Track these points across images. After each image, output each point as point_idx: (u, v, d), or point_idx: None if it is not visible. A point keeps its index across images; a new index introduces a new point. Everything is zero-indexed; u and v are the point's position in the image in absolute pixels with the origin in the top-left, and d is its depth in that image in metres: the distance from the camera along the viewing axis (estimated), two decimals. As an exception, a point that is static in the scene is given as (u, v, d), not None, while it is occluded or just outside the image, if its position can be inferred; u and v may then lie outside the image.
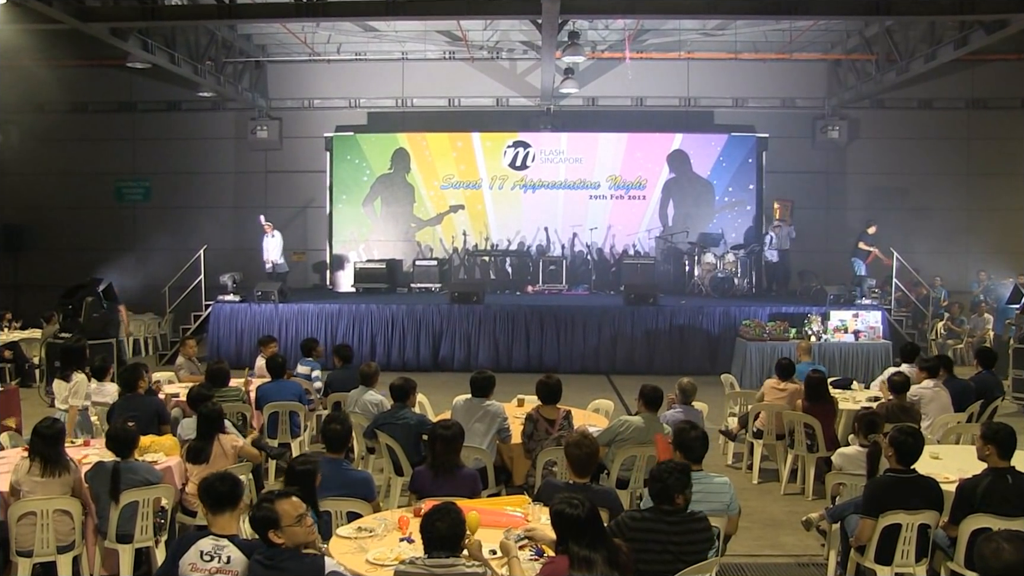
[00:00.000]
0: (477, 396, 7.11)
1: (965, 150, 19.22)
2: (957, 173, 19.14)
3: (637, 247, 18.85)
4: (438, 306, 15.16)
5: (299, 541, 4.00)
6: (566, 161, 19.05)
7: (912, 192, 18.97)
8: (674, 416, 7.33)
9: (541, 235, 18.97)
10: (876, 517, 5.24)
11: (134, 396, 7.50)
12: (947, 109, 19.21)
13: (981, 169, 19.02)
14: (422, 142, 19.13)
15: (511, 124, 19.22)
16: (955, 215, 18.85)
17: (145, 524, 5.73)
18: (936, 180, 19.03)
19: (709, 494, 5.10)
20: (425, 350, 15.02)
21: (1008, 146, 18.92)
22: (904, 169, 19.10)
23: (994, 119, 19.14)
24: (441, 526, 3.91)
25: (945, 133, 19.19)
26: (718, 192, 18.96)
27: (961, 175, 19.14)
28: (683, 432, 5.24)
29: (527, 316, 15.04)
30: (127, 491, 5.63)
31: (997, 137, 19.03)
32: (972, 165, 19.14)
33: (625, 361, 14.86)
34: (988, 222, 18.68)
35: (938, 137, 19.16)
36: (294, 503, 4.03)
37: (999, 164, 18.91)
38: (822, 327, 14.06)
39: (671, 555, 4.38)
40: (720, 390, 10.37)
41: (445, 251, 18.97)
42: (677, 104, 19.36)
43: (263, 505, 4.03)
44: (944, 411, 8.20)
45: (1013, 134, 18.97)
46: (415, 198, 19.16)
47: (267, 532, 3.96)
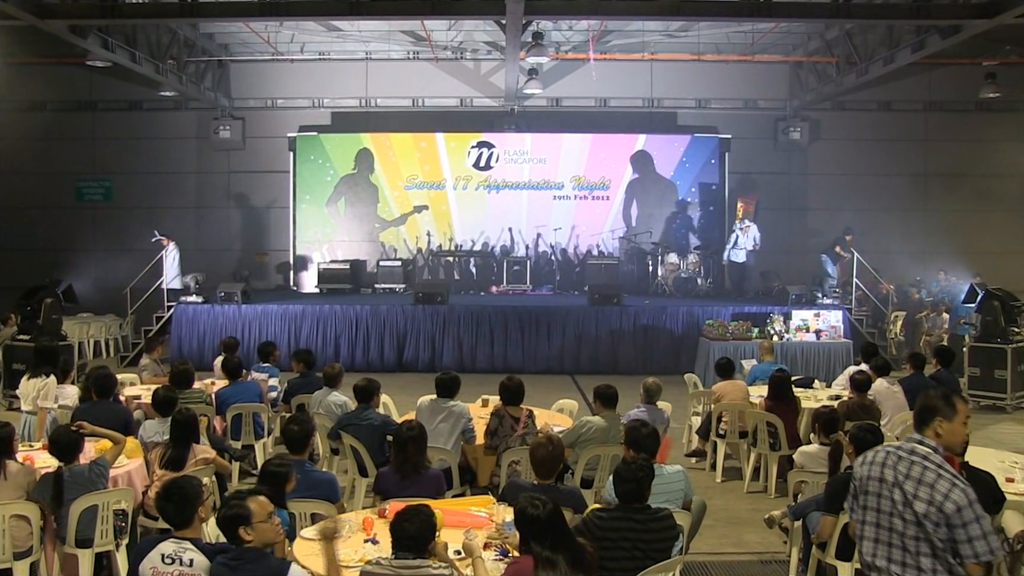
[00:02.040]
0: (442, 397, 7.10)
1: (923, 151, 19.53)
2: (915, 174, 19.43)
3: (601, 247, 18.94)
4: (402, 307, 15.12)
5: (268, 540, 4.04)
6: (530, 162, 19.08)
7: (872, 192, 19.21)
8: (637, 415, 7.36)
9: (505, 235, 18.99)
10: (837, 514, 5.30)
11: (100, 402, 7.28)
12: (905, 111, 19.50)
13: (938, 170, 19.33)
14: (386, 142, 19.07)
15: (475, 124, 19.22)
16: (914, 215, 19.12)
17: (105, 528, 5.64)
18: (895, 181, 19.29)
19: (664, 484, 5.16)
20: (389, 351, 14.97)
21: (964, 148, 19.23)
22: (864, 170, 19.35)
23: (950, 121, 19.45)
24: (410, 527, 3.91)
25: (903, 134, 19.47)
26: (681, 193, 19.11)
27: (919, 176, 19.43)
28: (634, 430, 5.31)
29: (491, 317, 15.04)
30: (88, 495, 5.54)
31: (953, 139, 19.35)
32: (930, 166, 19.44)
33: (589, 361, 14.91)
34: (946, 222, 18.96)
35: (897, 138, 19.43)
36: (262, 502, 4.07)
37: (956, 165, 19.20)
38: (784, 327, 14.21)
39: (640, 552, 4.43)
40: (683, 389, 10.45)
41: (409, 252, 18.92)
42: (641, 105, 19.47)
43: (233, 503, 4.03)
44: (900, 409, 8.34)
45: (969, 136, 19.29)
46: (379, 198, 19.09)
47: (237, 529, 3.96)
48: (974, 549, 3.31)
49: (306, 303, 15.42)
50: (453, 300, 15.64)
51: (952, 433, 3.55)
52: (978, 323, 13.25)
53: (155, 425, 6.88)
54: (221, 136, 19.19)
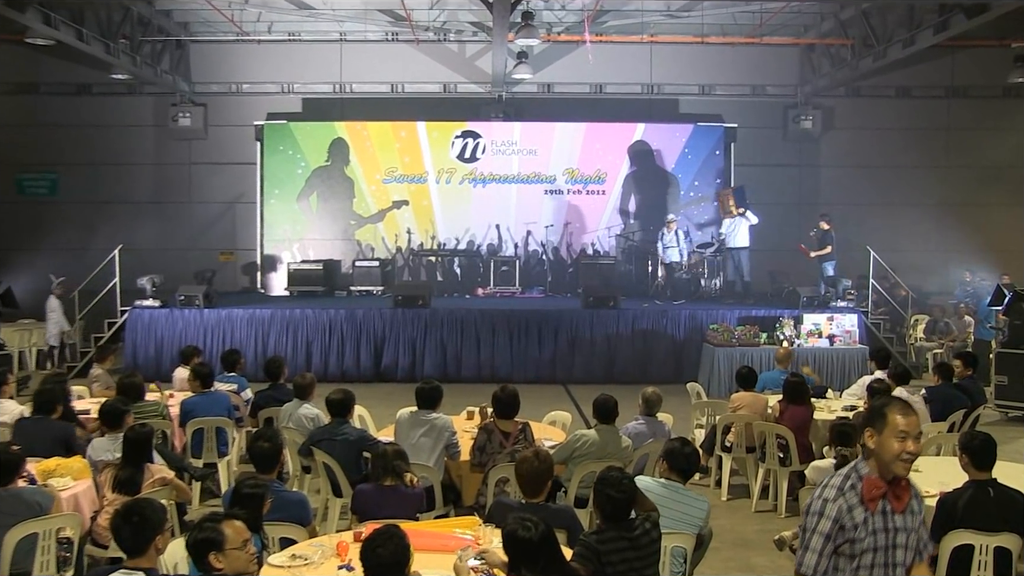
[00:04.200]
0: (423, 408, 7.08)
1: (945, 141, 19.62)
2: (937, 166, 19.51)
3: (596, 246, 18.94)
4: (380, 311, 15.08)
5: (239, 569, 3.99)
6: (519, 153, 19.08)
7: (890, 186, 19.28)
8: (636, 428, 7.38)
9: (492, 233, 18.98)
10: (853, 534, 5.29)
11: (42, 419, 7.14)
12: (926, 98, 19.59)
13: (963, 161, 19.41)
14: (362, 132, 19.02)
15: (459, 113, 19.20)
16: (935, 211, 19.17)
17: (46, 559, 5.42)
18: (915, 173, 19.38)
19: (683, 506, 5.20)
20: (366, 359, 14.93)
21: (990, 137, 19.31)
22: (881, 161, 19.42)
23: (976, 108, 19.55)
24: (383, 552, 3.86)
25: (925, 123, 19.56)
26: (683, 186, 19.14)
27: (941, 167, 19.51)
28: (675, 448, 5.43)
29: (477, 321, 15.02)
30: (27, 522, 5.33)
31: (979, 127, 19.43)
32: (953, 157, 19.53)
33: (583, 369, 14.91)
34: (971, 218, 19.02)
35: (917, 127, 19.53)
36: (238, 528, 4.04)
37: (982, 156, 19.29)
38: (795, 331, 14.23)
39: (635, 572, 4.49)
40: (686, 399, 10.45)
41: (388, 251, 18.88)
42: (639, 91, 19.49)
43: (207, 525, 4.00)
44: (921, 420, 8.33)
45: (995, 124, 19.39)
46: (355, 193, 19.05)
47: (207, 555, 3.92)
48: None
49: (275, 307, 15.37)
50: (436, 303, 15.60)
51: (882, 448, 3.45)
52: (1006, 327, 13.29)
53: (105, 443, 6.74)
54: (180, 124, 19.09)
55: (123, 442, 6.18)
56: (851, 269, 17.37)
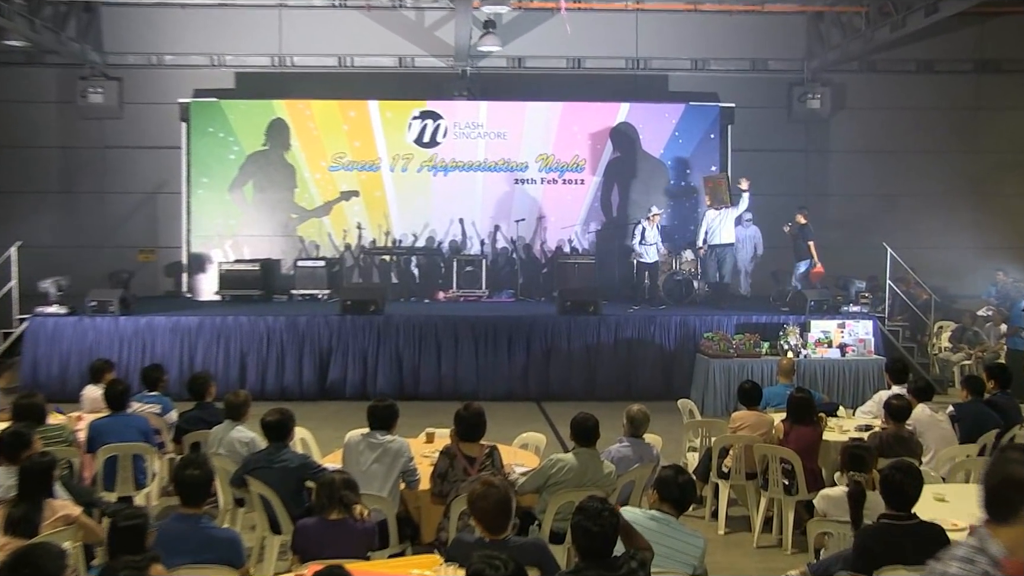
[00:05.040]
0: (376, 430, 7.06)
1: (974, 122, 19.79)
2: (964, 150, 19.65)
3: (574, 243, 19.01)
4: (326, 317, 15.04)
5: None
6: (486, 137, 19.09)
7: (910, 174, 19.43)
8: (620, 452, 7.38)
9: (455, 229, 18.99)
10: (869, 574, 5.33)
11: None
12: (952, 73, 19.76)
13: (994, 145, 19.55)
14: (306, 112, 18.96)
15: (417, 90, 19.18)
16: (962, 202, 19.21)
17: None
18: (939, 159, 19.53)
19: (675, 551, 5.20)
20: (309, 373, 14.87)
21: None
22: (900, 146, 19.57)
23: (1008, 85, 19.71)
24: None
25: (950, 102, 19.73)
26: (673, 175, 19.22)
27: (970, 152, 19.66)
28: (668, 476, 5.44)
29: (438, 329, 15.00)
30: None
31: (1012, 107, 19.58)
32: (983, 140, 19.68)
33: (560, 384, 14.93)
34: (1004, 210, 19.19)
35: (941, 107, 19.70)
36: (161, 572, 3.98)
37: (1015, 139, 19.43)
38: (801, 340, 14.31)
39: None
40: (677, 418, 10.47)
41: (335, 249, 18.85)
42: (623, 66, 19.56)
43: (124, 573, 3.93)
44: (946, 442, 8.40)
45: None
46: (297, 182, 18.98)
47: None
48: None
49: (203, 314, 15.27)
50: (390, 309, 15.59)
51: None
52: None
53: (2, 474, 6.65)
54: (91, 101, 18.92)
55: (20, 472, 5.94)
56: (865, 269, 17.48)
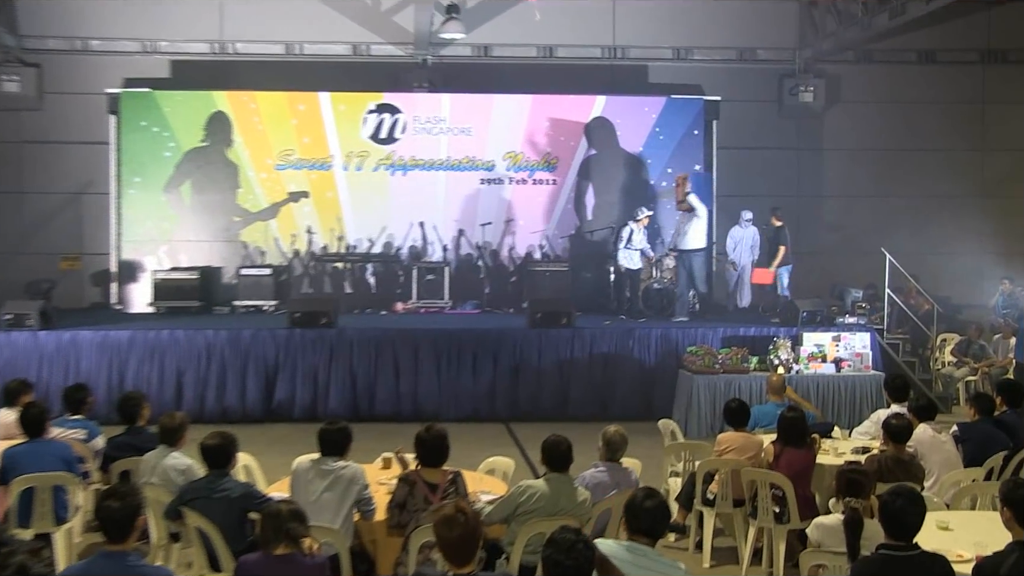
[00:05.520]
0: (327, 455, 7.03)
1: (980, 117, 19.97)
2: (970, 148, 19.85)
3: (546, 249, 19.04)
4: (272, 331, 14.97)
5: None
6: (449, 132, 19.08)
7: (910, 173, 19.55)
8: (596, 477, 7.38)
9: (415, 233, 18.97)
10: (866, 608, 5.34)
11: None
12: (957, 63, 19.91)
13: (1002, 142, 19.75)
14: (250, 104, 18.90)
15: (373, 81, 19.17)
16: (967, 204, 19.41)
17: None
18: (941, 158, 19.67)
19: (654, 573, 5.18)
20: (254, 393, 14.77)
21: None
22: (900, 143, 19.71)
23: (1017, 77, 19.90)
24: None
25: (954, 95, 19.90)
26: (653, 174, 19.28)
27: (975, 151, 19.85)
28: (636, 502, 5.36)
29: (396, 344, 14.96)
30: None
31: (1020, 101, 19.79)
32: (990, 137, 19.89)
33: (530, 403, 14.92)
34: (1011, 213, 19.36)
35: (945, 100, 19.85)
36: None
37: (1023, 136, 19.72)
38: (792, 354, 14.33)
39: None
40: (658, 441, 10.48)
41: (282, 255, 18.79)
42: (599, 56, 19.60)
43: None
44: (950, 465, 8.43)
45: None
46: (240, 182, 18.90)
47: None
48: None
49: (135, 328, 15.16)
50: (343, 322, 15.53)
51: None
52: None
53: None
54: (5, 90, 18.70)
55: None
56: (862, 277, 17.59)
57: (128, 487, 6.05)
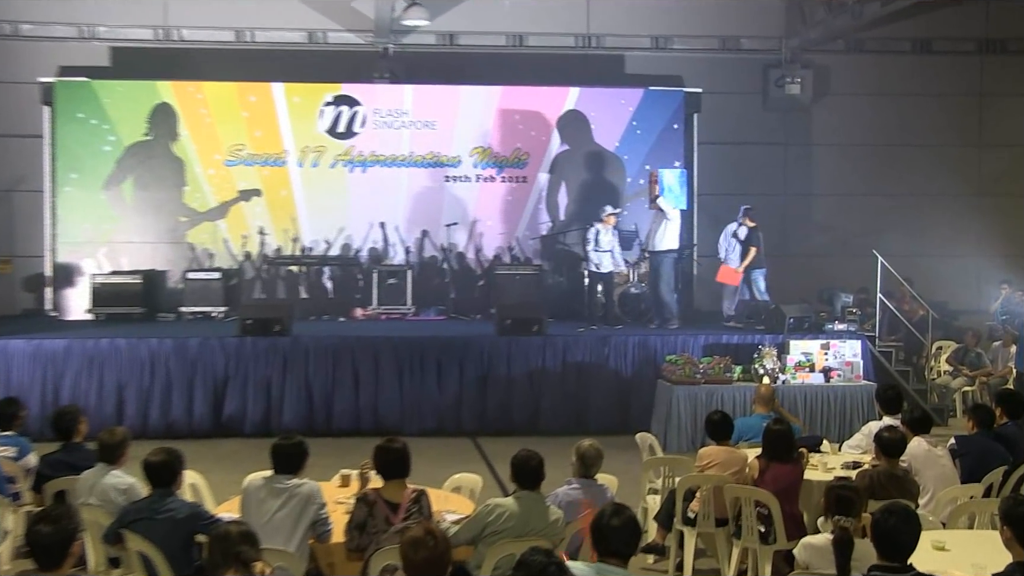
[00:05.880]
0: (281, 473, 7.01)
1: (978, 110, 20.09)
2: (966, 144, 19.98)
3: (515, 251, 19.08)
4: (222, 340, 14.91)
5: None
6: (412, 126, 19.09)
7: (903, 170, 19.66)
8: (569, 495, 7.36)
9: (375, 234, 18.98)
10: (858, 634, 5.36)
11: None
12: (953, 54, 20.04)
13: (1001, 137, 19.89)
14: (197, 95, 18.83)
15: (331, 71, 19.15)
16: (964, 203, 19.53)
17: None
18: (937, 154, 19.80)
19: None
20: (202, 406, 14.69)
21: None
22: (891, 139, 19.83)
23: (1017, 68, 20.04)
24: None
25: (950, 87, 20.02)
26: (631, 171, 19.34)
27: (972, 146, 19.99)
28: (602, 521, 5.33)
29: (355, 353, 14.94)
30: None
31: (1021, 93, 19.93)
32: (987, 132, 20.01)
33: (499, 416, 14.92)
34: (1011, 213, 19.49)
35: (940, 93, 19.97)
36: None
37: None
38: (778, 363, 14.36)
39: None
40: (635, 456, 10.49)
41: (232, 258, 18.74)
42: (572, 45, 19.65)
43: None
44: (947, 481, 8.46)
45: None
46: (186, 179, 18.83)
47: None
48: None
49: (72, 337, 15.06)
50: (298, 329, 15.49)
51: None
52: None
53: None
54: (-75, 78, 18.68)
55: None
56: (853, 280, 17.64)
57: (63, 509, 6.00)
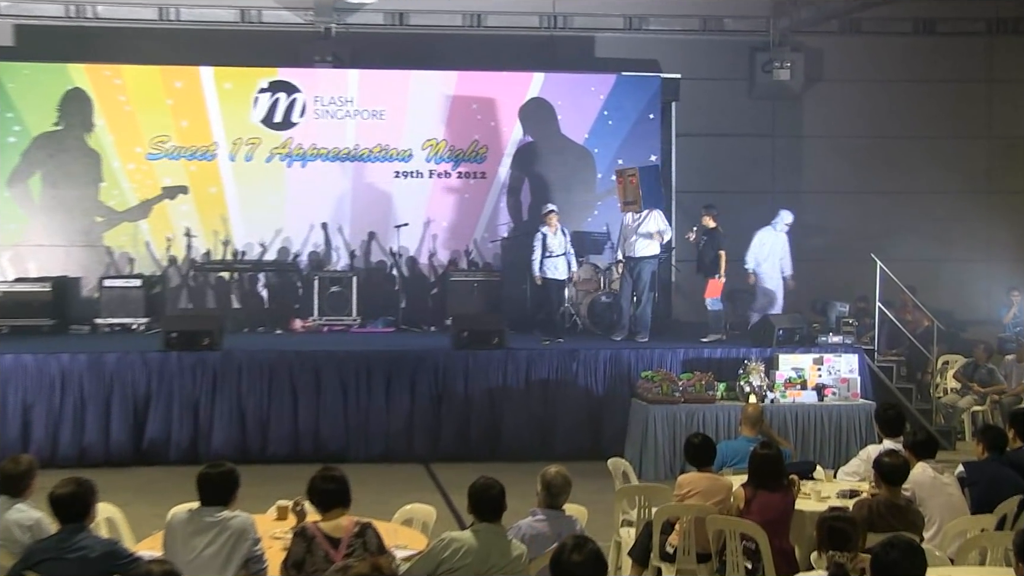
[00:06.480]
0: (209, 505, 6.97)
1: (986, 99, 20.23)
2: (974, 136, 20.12)
3: (473, 256, 19.12)
4: (143, 355, 14.84)
5: None
6: (357, 116, 19.10)
7: (903, 165, 19.79)
8: (533, 528, 7.35)
9: (317, 237, 18.97)
10: None
11: None
12: (959, 35, 20.18)
13: (1011, 128, 20.06)
14: (115, 80, 18.75)
15: (266, 54, 19.12)
16: (972, 202, 19.62)
17: None
18: (941, 146, 19.93)
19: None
20: (120, 431, 14.60)
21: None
22: (891, 129, 19.94)
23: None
24: None
25: (956, 72, 20.14)
26: (601, 166, 19.40)
27: (980, 138, 20.13)
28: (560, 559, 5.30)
29: (294, 370, 14.90)
30: None
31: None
32: (997, 122, 20.17)
33: (455, 440, 14.92)
34: (1021, 212, 19.65)
35: (945, 79, 20.09)
36: None
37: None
38: (766, 380, 14.40)
39: None
40: (607, 483, 10.51)
41: (155, 263, 18.69)
42: (536, 25, 19.69)
43: None
44: (955, 511, 8.48)
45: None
46: (103, 175, 18.75)
47: None
48: None
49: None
50: (230, 343, 15.45)
51: None
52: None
53: None
54: None
55: None
56: (849, 288, 17.73)
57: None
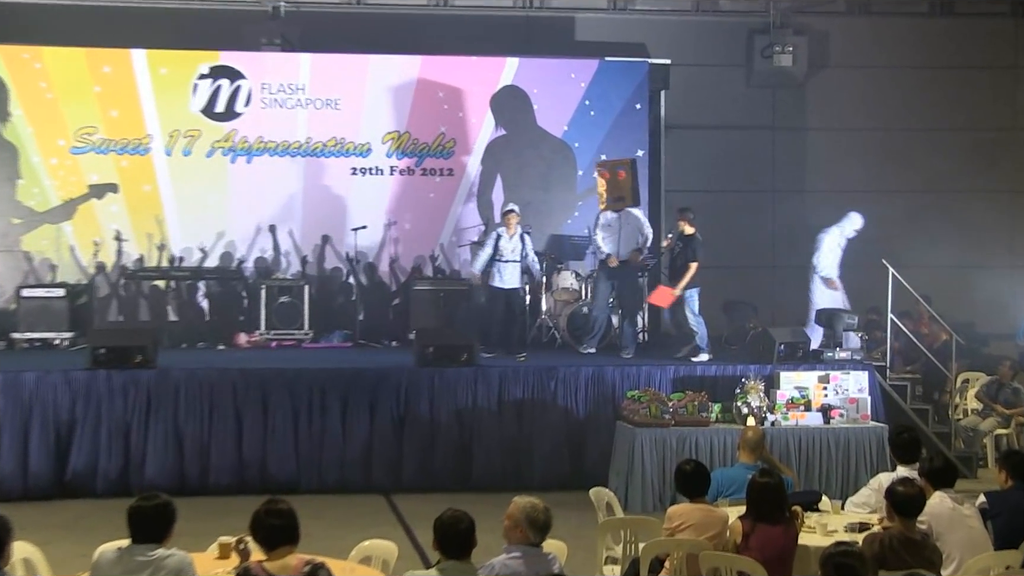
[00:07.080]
0: (141, 542, 6.95)
1: (1011, 87, 20.33)
2: (999, 128, 20.22)
3: (439, 262, 19.14)
4: (67, 374, 14.77)
5: None
6: (309, 105, 19.14)
7: (918, 161, 19.88)
8: (507, 566, 7.35)
9: (264, 241, 18.98)
10: None
11: None
12: (980, 16, 20.29)
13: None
14: (34, 64, 18.72)
15: (207, 36, 19.13)
16: (994, 202, 19.79)
17: None
18: (959, 140, 20.04)
19: None
20: (40, 459, 14.50)
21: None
22: (904, 121, 20.03)
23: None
24: None
25: (976, 58, 20.25)
26: (582, 162, 19.43)
27: (1005, 131, 20.22)
28: None
29: (238, 390, 14.85)
30: None
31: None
32: (1022, 115, 20.24)
33: (419, 468, 14.89)
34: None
35: (964, 65, 20.19)
36: None
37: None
38: (766, 400, 14.43)
39: None
40: (590, 516, 10.54)
41: (81, 271, 18.68)
42: (511, 5, 19.75)
43: None
44: (976, 547, 8.49)
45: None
46: (21, 170, 18.73)
47: None
48: None
49: None
50: (166, 360, 15.38)
51: None
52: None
53: None
54: None
55: None
56: (859, 298, 17.79)
57: None
